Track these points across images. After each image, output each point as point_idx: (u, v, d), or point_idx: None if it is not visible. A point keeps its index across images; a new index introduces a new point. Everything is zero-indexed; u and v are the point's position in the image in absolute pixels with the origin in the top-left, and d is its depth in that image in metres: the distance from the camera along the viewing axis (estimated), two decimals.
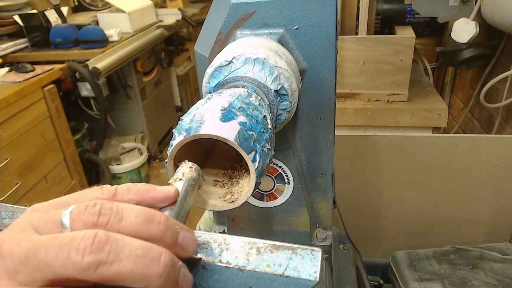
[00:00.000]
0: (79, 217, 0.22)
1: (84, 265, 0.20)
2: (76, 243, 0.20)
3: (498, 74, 1.26)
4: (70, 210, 0.23)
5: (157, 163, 2.80)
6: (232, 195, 0.36)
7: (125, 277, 0.21)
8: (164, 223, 0.24)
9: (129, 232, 0.22)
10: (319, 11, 0.47)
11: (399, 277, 1.10)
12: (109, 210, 0.23)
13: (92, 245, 0.20)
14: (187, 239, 0.25)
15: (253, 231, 0.67)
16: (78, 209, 0.23)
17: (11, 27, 2.17)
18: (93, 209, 0.23)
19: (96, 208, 0.23)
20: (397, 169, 1.15)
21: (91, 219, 0.22)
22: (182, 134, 0.32)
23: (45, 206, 0.25)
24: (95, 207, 0.23)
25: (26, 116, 1.72)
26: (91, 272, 0.20)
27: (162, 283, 0.22)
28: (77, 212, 0.23)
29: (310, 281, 0.25)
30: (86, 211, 0.22)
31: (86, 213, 0.22)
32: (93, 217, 0.22)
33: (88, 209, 0.23)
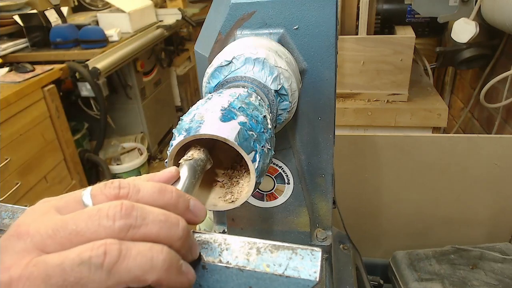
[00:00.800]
0: (101, 192, 0.24)
1: (117, 229, 0.22)
2: (105, 212, 0.22)
3: (498, 74, 1.26)
4: (89, 189, 0.24)
5: (157, 163, 2.80)
6: (232, 195, 0.36)
7: (151, 240, 0.22)
8: (176, 192, 0.26)
9: (147, 202, 0.24)
10: (319, 11, 0.47)
11: (399, 277, 1.10)
12: (127, 184, 0.24)
13: (121, 211, 0.22)
14: (197, 206, 0.27)
15: (253, 231, 0.67)
16: (98, 186, 0.24)
17: (11, 27, 2.17)
18: (112, 185, 0.24)
19: (115, 183, 0.24)
20: (397, 169, 1.15)
21: (113, 192, 0.24)
22: (182, 134, 0.32)
23: (56, 197, 0.26)
24: (113, 183, 0.24)
25: (26, 116, 1.72)
26: (123, 234, 0.22)
27: (180, 245, 0.24)
28: (98, 188, 0.24)
29: (310, 281, 0.25)
30: (106, 186, 0.24)
31: (107, 188, 0.24)
32: (114, 190, 0.24)
33: (107, 185, 0.24)
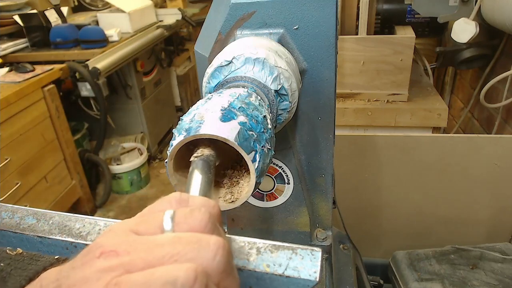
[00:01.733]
0: (184, 221, 0.23)
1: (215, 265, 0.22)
2: (206, 242, 0.22)
3: (498, 74, 1.26)
4: (170, 214, 0.24)
5: (157, 163, 2.80)
6: (232, 195, 0.36)
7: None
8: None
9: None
10: (319, 11, 0.47)
11: (399, 277, 1.10)
12: (208, 218, 0.24)
13: (223, 250, 0.22)
14: None
15: (253, 231, 0.67)
16: (183, 213, 0.24)
17: (11, 27, 2.18)
18: (195, 216, 0.24)
19: (196, 215, 0.24)
20: (397, 169, 1.15)
21: (197, 225, 0.24)
22: (182, 134, 0.32)
23: (134, 220, 0.26)
24: (195, 215, 0.24)
25: (26, 116, 1.72)
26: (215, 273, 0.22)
27: None
28: (182, 216, 0.24)
29: (310, 281, 0.25)
30: (192, 216, 0.24)
31: (192, 218, 0.24)
32: (200, 223, 0.24)
33: (193, 215, 0.24)
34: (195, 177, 0.30)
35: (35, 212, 0.36)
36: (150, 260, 0.21)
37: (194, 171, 0.31)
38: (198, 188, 0.29)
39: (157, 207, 0.26)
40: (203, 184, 0.29)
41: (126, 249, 0.22)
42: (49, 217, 0.35)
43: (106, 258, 0.21)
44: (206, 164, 0.31)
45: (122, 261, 0.21)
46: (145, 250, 0.22)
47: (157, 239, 0.22)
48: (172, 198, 0.26)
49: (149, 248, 0.22)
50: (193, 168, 0.31)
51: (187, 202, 0.26)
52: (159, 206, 0.26)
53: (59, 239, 0.33)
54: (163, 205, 0.25)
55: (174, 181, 0.34)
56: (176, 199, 0.26)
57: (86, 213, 2.21)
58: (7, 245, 0.35)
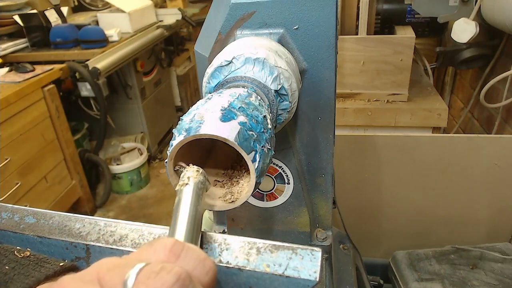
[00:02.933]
0: (145, 282, 0.21)
1: None
2: None
3: (498, 74, 1.26)
4: (136, 270, 0.21)
5: (157, 163, 2.80)
6: (232, 195, 0.36)
7: None
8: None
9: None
10: (319, 11, 0.47)
11: (399, 277, 1.10)
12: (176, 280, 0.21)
13: None
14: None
15: (253, 231, 0.67)
16: (148, 273, 0.21)
17: (11, 27, 2.18)
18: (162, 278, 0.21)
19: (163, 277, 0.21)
20: (397, 169, 1.15)
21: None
22: (182, 134, 0.32)
23: (107, 264, 0.23)
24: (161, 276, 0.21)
25: (26, 116, 1.73)
26: None
27: None
28: (145, 275, 0.21)
29: (310, 281, 0.25)
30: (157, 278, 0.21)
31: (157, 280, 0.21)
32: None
33: (159, 277, 0.21)
34: (182, 212, 0.27)
35: (35, 212, 0.36)
36: None
37: (180, 204, 0.27)
38: (184, 229, 0.26)
39: (144, 254, 0.23)
40: (191, 221, 0.26)
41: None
42: (49, 217, 0.35)
43: None
44: (195, 194, 0.28)
45: None
46: None
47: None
48: (162, 247, 0.23)
49: None
50: (179, 199, 0.28)
51: (178, 256, 0.22)
52: (146, 253, 0.23)
53: (59, 239, 0.33)
54: (149, 254, 0.23)
55: (174, 181, 0.34)
56: (167, 249, 0.23)
57: (86, 213, 2.21)
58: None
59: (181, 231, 0.26)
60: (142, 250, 0.23)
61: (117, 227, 0.33)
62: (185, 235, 0.25)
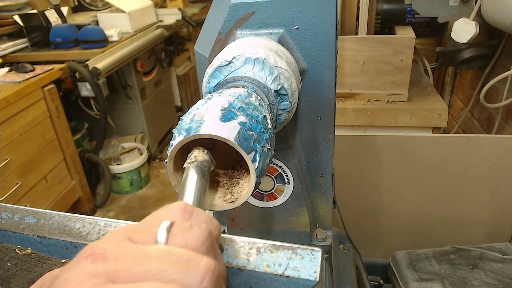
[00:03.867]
0: (181, 235, 0.23)
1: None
2: (195, 264, 0.21)
3: (498, 74, 1.26)
4: (166, 225, 0.23)
5: (157, 163, 2.80)
6: (232, 195, 0.36)
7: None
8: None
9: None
10: (319, 11, 0.47)
11: (399, 277, 1.10)
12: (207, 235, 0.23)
13: (212, 276, 0.21)
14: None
15: (253, 231, 0.67)
16: (181, 227, 0.23)
17: (11, 27, 2.18)
18: (194, 232, 0.23)
19: (195, 231, 0.23)
20: (397, 169, 1.15)
21: (194, 243, 0.23)
22: (182, 134, 0.31)
23: (131, 227, 0.25)
24: (193, 230, 0.23)
25: (26, 116, 1.73)
26: None
27: None
28: (180, 229, 0.23)
29: (310, 281, 0.25)
30: (190, 232, 0.23)
31: (191, 234, 0.23)
32: (197, 241, 0.23)
33: (192, 230, 0.23)
34: (189, 184, 0.29)
35: (35, 212, 0.36)
36: (135, 273, 0.21)
37: (188, 178, 0.30)
38: (192, 197, 0.28)
39: (159, 216, 0.25)
40: (197, 191, 0.29)
41: (115, 255, 0.21)
42: (49, 217, 0.35)
43: (93, 261, 0.21)
44: (200, 171, 0.30)
45: (107, 268, 0.21)
46: (133, 260, 0.21)
47: (148, 250, 0.22)
48: (176, 208, 0.25)
49: (137, 259, 0.21)
50: (187, 175, 0.30)
51: (191, 214, 0.25)
52: (161, 215, 0.25)
53: (59, 239, 0.33)
54: (165, 215, 0.25)
55: (174, 181, 0.34)
56: (180, 209, 0.25)
57: (86, 213, 2.21)
58: None
59: (189, 199, 0.28)
60: (157, 213, 0.25)
61: (117, 227, 0.33)
62: (193, 202, 0.28)
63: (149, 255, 0.21)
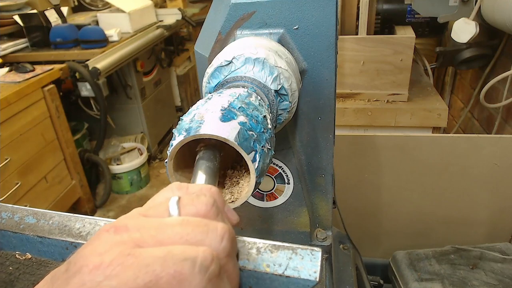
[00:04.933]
0: (192, 203, 0.24)
1: (221, 248, 0.23)
2: (214, 227, 0.23)
3: (498, 74, 1.26)
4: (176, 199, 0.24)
5: (157, 163, 2.80)
6: (232, 195, 0.36)
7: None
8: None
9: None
10: (319, 11, 0.47)
11: (399, 277, 1.10)
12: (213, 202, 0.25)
13: (229, 235, 0.23)
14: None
15: (253, 231, 0.67)
16: (190, 197, 0.25)
17: (11, 27, 2.18)
18: (201, 200, 0.25)
19: (202, 199, 0.25)
20: (397, 169, 1.15)
21: (203, 209, 0.25)
22: (182, 134, 0.32)
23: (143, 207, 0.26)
24: (200, 198, 0.25)
25: (26, 116, 1.72)
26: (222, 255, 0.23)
27: None
28: (189, 199, 0.25)
29: (310, 281, 0.25)
30: (199, 200, 0.25)
31: (199, 202, 0.25)
32: (206, 207, 0.25)
33: (200, 199, 0.25)
34: (201, 165, 0.31)
35: (35, 212, 0.36)
36: (161, 239, 0.22)
37: (200, 160, 0.32)
38: (204, 177, 0.30)
39: (161, 196, 0.26)
40: (209, 172, 0.31)
41: (136, 226, 0.22)
42: (49, 217, 0.35)
43: (116, 232, 0.22)
44: (211, 153, 0.32)
45: (133, 237, 0.22)
46: (155, 228, 0.22)
47: (166, 220, 0.23)
48: (173, 186, 0.27)
49: (159, 227, 0.22)
50: (199, 157, 0.32)
51: (187, 188, 0.26)
52: (162, 195, 0.26)
53: (59, 239, 0.33)
54: (166, 193, 0.26)
55: (174, 181, 0.34)
56: (177, 186, 0.26)
57: (86, 213, 2.21)
58: (7, 245, 0.35)
59: (201, 179, 0.30)
60: (158, 194, 0.27)
61: None
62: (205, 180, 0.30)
63: (170, 224, 0.23)
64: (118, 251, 0.20)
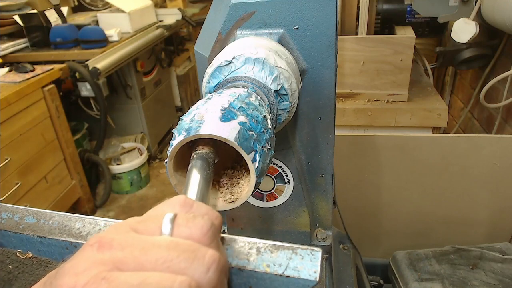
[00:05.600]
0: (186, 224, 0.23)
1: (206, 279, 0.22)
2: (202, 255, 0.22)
3: (498, 74, 1.26)
4: (170, 217, 0.23)
5: (157, 163, 2.80)
6: (232, 195, 0.36)
7: None
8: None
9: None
10: (319, 11, 0.47)
11: (399, 277, 1.10)
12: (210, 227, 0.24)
13: (217, 266, 0.22)
14: None
15: (253, 231, 0.67)
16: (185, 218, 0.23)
17: (11, 27, 2.18)
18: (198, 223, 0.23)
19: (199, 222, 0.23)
20: (397, 169, 1.15)
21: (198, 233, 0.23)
22: (182, 134, 0.32)
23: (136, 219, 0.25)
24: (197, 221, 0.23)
25: (26, 116, 1.72)
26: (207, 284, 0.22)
27: None
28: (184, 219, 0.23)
29: (310, 281, 0.25)
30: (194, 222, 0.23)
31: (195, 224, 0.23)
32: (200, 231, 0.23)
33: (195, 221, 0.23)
34: (194, 176, 0.30)
35: (35, 212, 0.36)
36: (142, 262, 0.21)
37: (193, 169, 0.31)
38: (196, 188, 0.29)
39: (161, 209, 0.25)
40: (202, 183, 0.30)
41: (121, 244, 0.21)
42: (49, 217, 0.35)
43: (99, 249, 0.21)
44: (205, 162, 0.31)
45: (114, 256, 0.21)
46: (140, 249, 0.21)
47: (155, 240, 0.22)
48: (176, 201, 0.25)
49: (144, 248, 0.21)
50: (192, 166, 0.31)
51: (191, 207, 0.25)
52: (163, 208, 0.25)
53: (59, 239, 0.33)
54: (166, 208, 0.25)
55: (174, 181, 0.34)
56: (180, 202, 0.25)
57: (86, 213, 2.21)
58: (7, 246, 0.35)
59: (192, 192, 0.29)
60: (158, 206, 0.26)
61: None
62: (196, 194, 0.29)
63: (157, 244, 0.21)
64: (94, 273, 0.20)
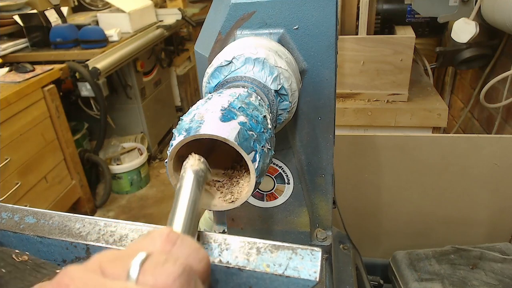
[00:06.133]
0: (152, 272, 0.21)
1: None
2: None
3: (498, 74, 1.26)
4: (140, 260, 0.21)
5: (157, 163, 2.80)
6: (232, 195, 0.36)
7: None
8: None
9: None
10: (319, 11, 0.47)
11: (399, 277, 1.10)
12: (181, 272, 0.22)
13: None
14: None
15: (253, 231, 0.67)
16: (153, 263, 0.21)
17: (11, 27, 2.18)
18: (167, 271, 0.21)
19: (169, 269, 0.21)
20: (397, 169, 1.15)
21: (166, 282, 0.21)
22: (182, 134, 0.31)
23: (108, 256, 0.24)
24: (167, 268, 0.21)
25: (26, 116, 1.73)
26: None
27: None
28: (152, 265, 0.21)
29: (310, 281, 0.25)
30: (163, 270, 0.21)
31: (163, 272, 0.21)
32: (167, 279, 0.21)
33: (164, 269, 0.21)
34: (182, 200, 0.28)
35: (35, 212, 0.36)
36: None
37: (181, 190, 0.28)
38: (183, 217, 0.27)
39: (141, 244, 0.24)
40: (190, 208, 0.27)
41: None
42: (49, 217, 0.35)
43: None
44: (195, 181, 0.29)
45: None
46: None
47: (114, 287, 0.20)
48: (158, 236, 0.23)
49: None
50: (181, 186, 0.29)
51: (174, 244, 0.23)
52: (143, 243, 0.24)
53: (59, 239, 0.33)
54: (147, 243, 0.23)
55: (174, 181, 0.34)
56: (163, 238, 0.23)
57: (86, 213, 2.21)
58: (7, 245, 0.35)
59: (179, 218, 0.26)
60: (140, 240, 0.24)
61: (117, 227, 0.33)
62: (183, 222, 0.26)
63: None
64: None
